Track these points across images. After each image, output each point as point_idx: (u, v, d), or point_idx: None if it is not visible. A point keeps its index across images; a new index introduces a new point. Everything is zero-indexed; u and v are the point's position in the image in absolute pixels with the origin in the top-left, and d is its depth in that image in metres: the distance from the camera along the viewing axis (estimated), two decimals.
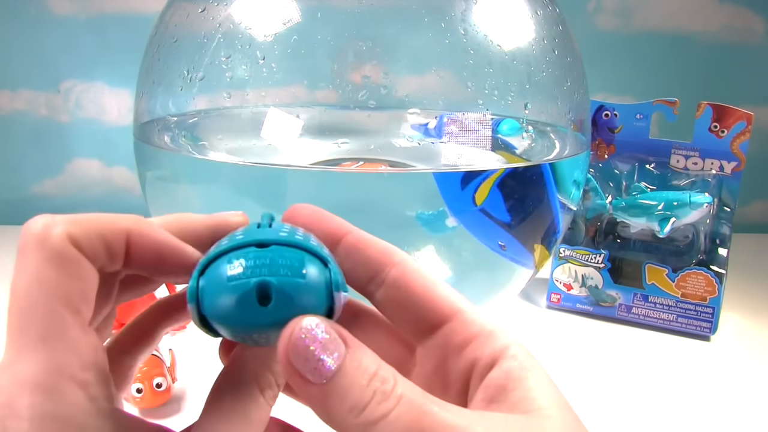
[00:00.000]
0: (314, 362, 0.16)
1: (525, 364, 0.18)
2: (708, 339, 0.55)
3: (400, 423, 0.15)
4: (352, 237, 0.20)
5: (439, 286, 0.19)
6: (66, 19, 0.73)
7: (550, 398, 0.17)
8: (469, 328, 0.19)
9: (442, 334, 0.19)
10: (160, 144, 0.42)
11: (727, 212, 0.55)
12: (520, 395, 0.17)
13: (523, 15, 0.42)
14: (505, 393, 0.17)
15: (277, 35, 0.38)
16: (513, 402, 0.17)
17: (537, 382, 0.18)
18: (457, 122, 0.39)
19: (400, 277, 0.19)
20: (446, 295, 0.19)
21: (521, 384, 0.17)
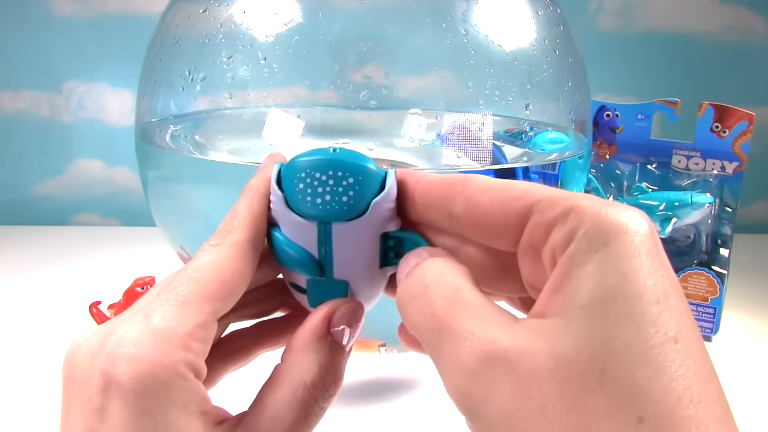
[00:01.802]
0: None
1: (594, 242, 0.15)
2: (709, 339, 0.55)
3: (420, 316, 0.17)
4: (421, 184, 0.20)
5: (511, 186, 0.18)
6: (68, 19, 0.74)
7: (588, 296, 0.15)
8: (548, 215, 0.17)
9: (528, 234, 0.17)
10: (162, 144, 0.42)
11: (728, 212, 0.55)
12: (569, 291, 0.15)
13: (524, 15, 0.42)
14: (562, 285, 0.15)
15: (278, 36, 0.38)
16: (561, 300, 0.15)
17: (591, 270, 0.15)
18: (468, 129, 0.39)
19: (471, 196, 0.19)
20: (520, 191, 0.18)
21: (575, 275, 0.15)
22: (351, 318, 0.20)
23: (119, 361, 0.17)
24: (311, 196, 0.20)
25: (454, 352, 0.16)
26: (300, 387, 0.19)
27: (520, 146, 0.43)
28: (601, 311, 0.15)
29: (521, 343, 0.15)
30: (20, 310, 0.56)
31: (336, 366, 0.20)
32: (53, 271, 0.64)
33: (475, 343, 0.15)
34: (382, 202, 0.20)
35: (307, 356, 0.20)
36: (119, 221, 0.81)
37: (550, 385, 0.14)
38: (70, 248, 0.71)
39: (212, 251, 0.20)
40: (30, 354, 0.48)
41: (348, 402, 0.43)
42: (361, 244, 0.20)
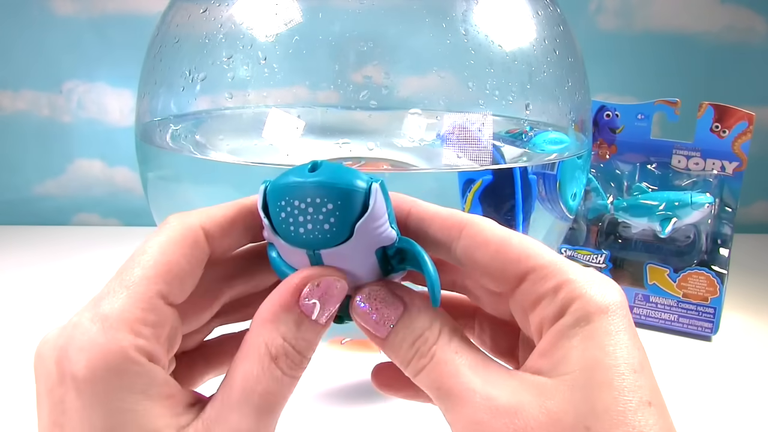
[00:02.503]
0: (373, 323, 0.20)
1: (580, 319, 0.18)
2: (709, 339, 0.55)
3: (429, 378, 0.19)
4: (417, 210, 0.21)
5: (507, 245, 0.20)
6: (68, 19, 0.74)
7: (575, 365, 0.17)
8: (541, 286, 0.19)
9: (519, 296, 0.20)
10: (162, 144, 0.42)
11: (728, 212, 0.55)
12: (557, 358, 0.18)
13: (524, 15, 0.42)
14: (553, 350, 0.18)
15: (278, 36, 0.38)
16: (554, 363, 0.18)
17: (577, 343, 0.18)
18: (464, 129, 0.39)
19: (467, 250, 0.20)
20: (518, 253, 0.20)
21: (564, 344, 0.18)
22: (323, 293, 0.20)
23: (70, 352, 0.17)
24: (293, 226, 0.19)
25: (459, 410, 0.18)
26: (265, 358, 0.19)
27: (520, 146, 0.43)
28: (585, 378, 0.17)
29: (518, 398, 0.18)
30: (20, 310, 0.56)
31: (303, 339, 0.19)
32: (53, 271, 0.64)
33: (478, 402, 0.18)
34: (367, 223, 0.19)
35: (272, 326, 0.19)
36: (119, 221, 0.81)
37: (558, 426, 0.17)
38: (70, 248, 0.71)
39: (161, 233, 0.20)
40: (30, 354, 0.47)
41: (348, 402, 0.43)
42: (354, 263, 0.20)
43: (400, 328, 0.20)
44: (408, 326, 0.20)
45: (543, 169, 0.42)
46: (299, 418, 0.41)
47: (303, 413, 0.41)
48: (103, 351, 0.17)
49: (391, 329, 0.20)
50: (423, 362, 0.19)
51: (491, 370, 0.19)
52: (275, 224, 0.20)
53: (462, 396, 0.18)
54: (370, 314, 0.20)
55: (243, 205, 0.21)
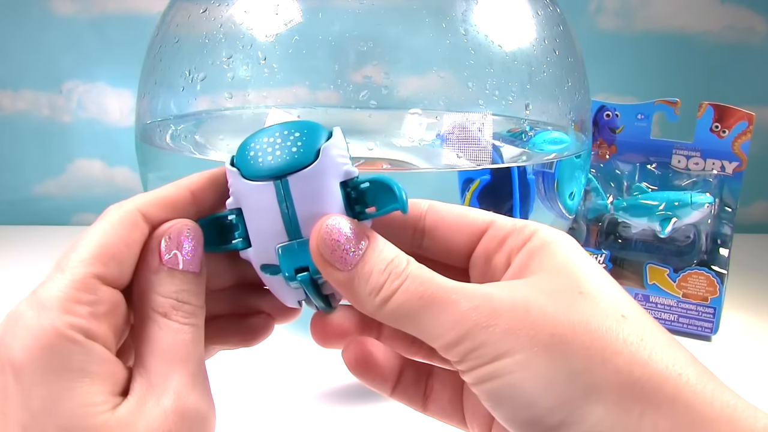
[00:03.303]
0: (340, 253, 0.19)
1: (547, 239, 0.20)
2: (709, 339, 0.55)
3: (408, 293, 0.19)
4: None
5: (468, 210, 0.22)
6: (68, 19, 0.74)
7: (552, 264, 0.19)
8: (500, 231, 0.21)
9: (484, 246, 0.22)
10: (162, 144, 0.42)
11: (728, 212, 0.55)
12: (537, 263, 0.20)
13: (524, 15, 0.42)
14: (526, 265, 0.20)
15: (278, 36, 0.38)
16: (531, 269, 0.20)
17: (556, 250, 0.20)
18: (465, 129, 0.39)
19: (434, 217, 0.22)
20: (476, 215, 0.22)
21: (539, 255, 0.20)
22: (179, 241, 0.20)
23: (6, 339, 0.17)
24: (263, 157, 0.20)
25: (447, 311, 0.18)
26: (157, 317, 0.19)
27: (519, 146, 0.43)
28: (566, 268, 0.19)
29: (509, 288, 0.19)
30: None
31: (183, 290, 0.20)
32: None
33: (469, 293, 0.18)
34: (332, 147, 0.20)
35: (150, 292, 0.20)
36: None
37: (545, 301, 0.18)
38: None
39: (98, 221, 0.20)
40: None
41: (348, 402, 0.43)
42: (320, 193, 0.20)
43: (368, 257, 0.19)
44: (377, 255, 0.19)
45: (542, 167, 0.42)
46: (299, 418, 0.41)
47: (303, 413, 0.41)
48: (36, 333, 0.17)
49: (359, 259, 0.19)
50: (398, 282, 0.19)
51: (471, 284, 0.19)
52: (243, 170, 0.20)
53: (449, 294, 0.18)
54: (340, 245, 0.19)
55: (179, 183, 0.22)
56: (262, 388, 0.43)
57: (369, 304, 0.19)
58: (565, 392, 0.17)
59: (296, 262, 0.20)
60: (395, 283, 0.19)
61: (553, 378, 0.17)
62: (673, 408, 0.17)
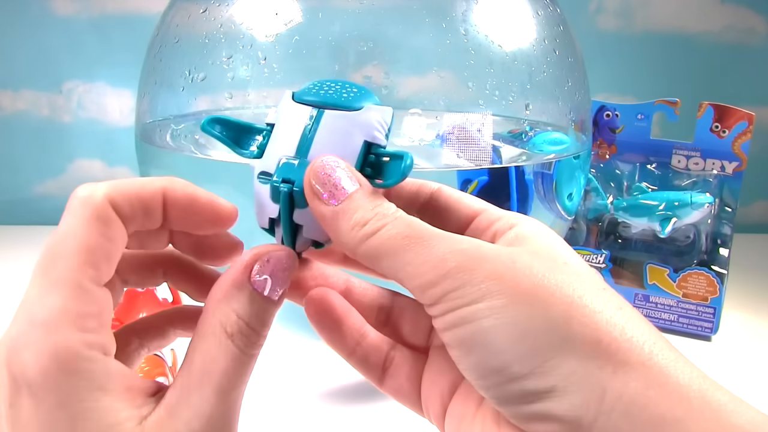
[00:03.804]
0: (330, 186, 0.19)
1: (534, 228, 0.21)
2: (709, 339, 0.55)
3: (393, 230, 0.19)
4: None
5: (467, 197, 0.23)
6: (68, 19, 0.74)
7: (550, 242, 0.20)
8: (490, 217, 0.22)
9: (474, 224, 0.22)
10: (162, 144, 0.42)
11: (728, 212, 0.55)
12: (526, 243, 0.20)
13: (524, 15, 0.42)
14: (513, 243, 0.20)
15: (278, 36, 0.38)
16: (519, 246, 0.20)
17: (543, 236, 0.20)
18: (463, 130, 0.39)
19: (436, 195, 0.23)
20: (472, 202, 0.23)
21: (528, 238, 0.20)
22: (275, 267, 0.20)
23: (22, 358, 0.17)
24: (316, 89, 0.22)
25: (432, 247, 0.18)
26: (222, 337, 0.19)
27: (519, 146, 0.43)
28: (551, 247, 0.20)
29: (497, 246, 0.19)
30: None
31: (257, 316, 0.19)
32: None
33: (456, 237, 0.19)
34: (375, 110, 0.21)
35: (226, 305, 0.19)
36: None
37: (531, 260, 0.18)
38: None
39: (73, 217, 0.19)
40: None
41: (348, 402, 0.43)
42: (343, 137, 0.21)
43: (356, 196, 0.19)
44: (365, 197, 0.20)
45: (542, 168, 0.42)
46: (299, 418, 0.41)
47: (303, 413, 0.41)
48: (52, 354, 0.16)
49: (346, 197, 0.19)
50: (384, 221, 0.19)
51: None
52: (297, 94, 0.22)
53: (435, 238, 0.18)
54: (332, 178, 0.20)
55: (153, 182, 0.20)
56: (261, 388, 0.43)
57: (350, 237, 0.19)
58: (540, 342, 0.17)
59: (288, 174, 0.21)
60: (381, 222, 0.19)
61: (529, 326, 0.17)
62: (645, 372, 0.17)
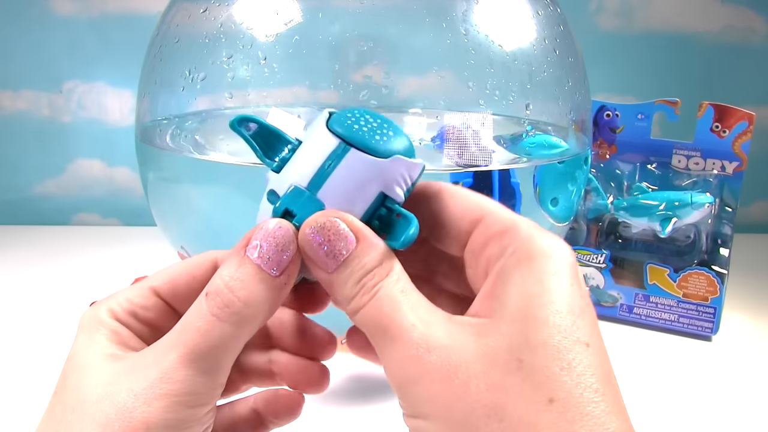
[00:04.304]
0: (322, 256, 0.19)
1: (526, 256, 0.19)
2: (709, 339, 0.55)
3: (370, 313, 0.19)
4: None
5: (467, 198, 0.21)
6: (68, 19, 0.74)
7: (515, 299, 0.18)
8: (490, 229, 0.20)
9: (472, 242, 0.21)
10: (162, 144, 0.42)
11: (728, 212, 0.55)
12: (503, 294, 0.18)
13: (524, 15, 0.42)
14: (494, 291, 0.19)
15: (278, 35, 0.38)
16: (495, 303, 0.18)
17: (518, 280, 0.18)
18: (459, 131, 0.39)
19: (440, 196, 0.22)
20: (473, 204, 0.21)
21: (510, 280, 0.18)
22: (264, 235, 0.20)
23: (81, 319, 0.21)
24: (352, 121, 0.21)
25: (396, 346, 0.18)
26: (202, 298, 0.19)
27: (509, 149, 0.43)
28: (522, 314, 0.17)
29: (456, 337, 0.18)
30: (20, 310, 0.56)
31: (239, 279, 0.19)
32: (53, 271, 0.64)
33: (416, 338, 0.18)
34: (403, 163, 0.20)
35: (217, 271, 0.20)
36: (119, 221, 0.81)
37: (476, 369, 0.17)
38: (70, 248, 0.71)
39: (195, 257, 0.23)
40: (30, 354, 0.48)
41: (348, 402, 0.43)
42: (359, 183, 0.20)
43: (349, 262, 0.19)
44: (358, 262, 0.19)
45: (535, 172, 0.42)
46: (299, 418, 0.41)
47: (302, 413, 0.41)
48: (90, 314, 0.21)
49: (341, 263, 0.19)
50: (365, 299, 0.19)
51: (433, 313, 0.19)
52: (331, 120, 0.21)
53: (399, 332, 0.18)
54: (322, 246, 0.19)
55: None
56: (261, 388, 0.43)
57: (344, 308, 0.20)
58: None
59: (293, 204, 0.20)
60: (363, 299, 0.19)
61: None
62: None
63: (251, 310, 0.19)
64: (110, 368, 0.19)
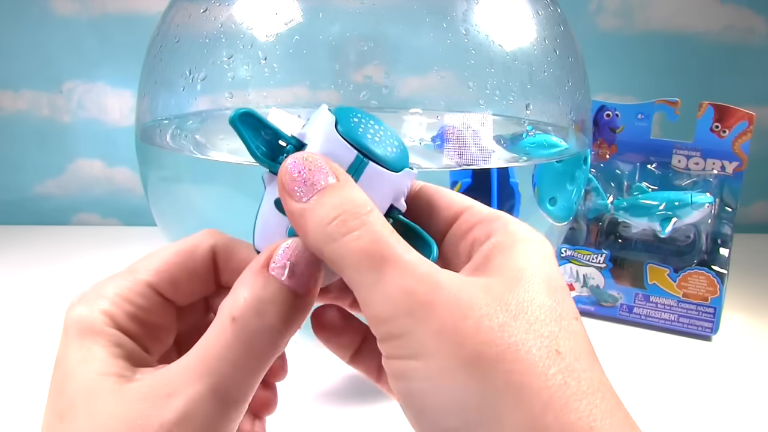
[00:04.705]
0: (301, 183, 0.18)
1: (510, 240, 0.19)
2: (709, 339, 0.55)
3: (358, 241, 0.17)
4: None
5: (451, 194, 0.22)
6: (68, 19, 0.74)
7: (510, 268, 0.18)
8: (474, 218, 0.21)
9: (455, 226, 0.21)
10: (162, 144, 0.42)
11: (728, 212, 0.55)
12: (498, 263, 0.18)
13: (524, 15, 0.42)
14: (487, 262, 0.19)
15: (278, 35, 0.38)
16: (490, 269, 0.18)
17: (517, 253, 0.18)
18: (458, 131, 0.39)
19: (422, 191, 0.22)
20: (457, 199, 0.22)
21: (502, 254, 0.19)
22: (293, 253, 0.19)
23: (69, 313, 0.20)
24: (361, 129, 0.20)
25: (392, 277, 0.17)
26: (226, 320, 0.18)
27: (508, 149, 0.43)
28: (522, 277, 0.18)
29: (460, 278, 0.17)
30: (20, 310, 0.56)
31: (270, 303, 0.18)
32: (53, 271, 0.64)
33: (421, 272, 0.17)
34: (408, 176, 0.21)
35: (237, 291, 0.18)
36: (119, 221, 0.81)
37: (488, 311, 0.17)
38: (70, 248, 0.71)
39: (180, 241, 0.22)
40: (30, 354, 0.48)
41: (347, 402, 0.43)
42: (377, 196, 0.20)
43: (328, 194, 0.18)
44: (338, 195, 0.18)
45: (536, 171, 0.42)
46: (298, 419, 0.41)
47: (302, 413, 0.41)
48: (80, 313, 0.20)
49: (317, 193, 0.18)
50: (352, 226, 0.17)
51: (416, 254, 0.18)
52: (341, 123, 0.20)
53: (402, 265, 0.17)
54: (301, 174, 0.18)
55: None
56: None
57: (314, 236, 0.18)
58: (472, 418, 0.16)
59: None
60: (346, 226, 0.17)
61: (463, 399, 0.16)
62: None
63: (281, 337, 0.18)
64: (125, 395, 0.18)
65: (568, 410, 0.16)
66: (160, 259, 0.21)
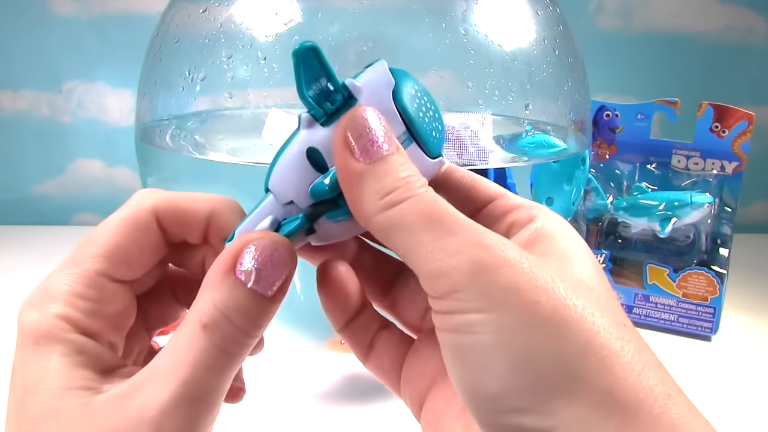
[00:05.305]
0: (366, 141, 0.18)
1: (555, 226, 0.19)
2: (709, 339, 0.55)
3: (418, 205, 0.17)
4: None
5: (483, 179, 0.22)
6: (68, 19, 0.74)
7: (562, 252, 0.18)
8: (511, 202, 0.20)
9: (489, 208, 0.21)
10: (162, 144, 0.42)
11: (728, 212, 0.55)
12: (549, 245, 0.18)
13: (523, 15, 0.42)
14: (534, 242, 0.19)
15: (278, 35, 0.38)
16: (540, 249, 0.18)
17: (564, 238, 0.18)
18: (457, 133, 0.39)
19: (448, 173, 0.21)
20: (490, 184, 0.21)
21: (549, 239, 0.18)
22: (263, 258, 0.18)
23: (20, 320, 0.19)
24: (418, 105, 0.19)
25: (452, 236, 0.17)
26: (196, 326, 0.17)
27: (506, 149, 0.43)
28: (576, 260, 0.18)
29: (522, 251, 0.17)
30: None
31: (239, 309, 0.17)
32: None
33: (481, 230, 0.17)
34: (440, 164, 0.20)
35: (205, 295, 0.18)
36: None
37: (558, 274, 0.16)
38: (70, 248, 0.71)
39: (118, 213, 0.20)
40: None
41: (347, 402, 0.43)
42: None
43: (392, 159, 0.18)
44: (400, 163, 0.18)
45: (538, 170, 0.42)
46: (298, 419, 0.41)
47: (302, 413, 0.41)
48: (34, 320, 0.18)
49: (381, 157, 0.17)
50: (413, 192, 0.17)
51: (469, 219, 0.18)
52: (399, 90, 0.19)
53: (459, 224, 0.17)
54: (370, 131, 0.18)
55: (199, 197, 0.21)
56: (261, 388, 0.43)
57: (370, 203, 0.17)
58: (547, 377, 0.15)
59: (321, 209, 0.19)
60: (407, 193, 0.17)
61: (537, 357, 0.15)
62: (654, 430, 0.15)
63: (253, 339, 0.18)
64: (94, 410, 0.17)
65: (644, 376, 0.16)
66: (103, 239, 0.19)
